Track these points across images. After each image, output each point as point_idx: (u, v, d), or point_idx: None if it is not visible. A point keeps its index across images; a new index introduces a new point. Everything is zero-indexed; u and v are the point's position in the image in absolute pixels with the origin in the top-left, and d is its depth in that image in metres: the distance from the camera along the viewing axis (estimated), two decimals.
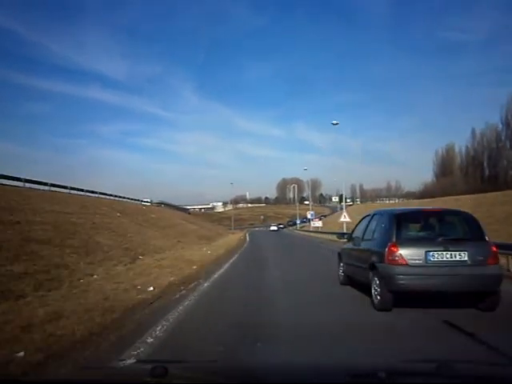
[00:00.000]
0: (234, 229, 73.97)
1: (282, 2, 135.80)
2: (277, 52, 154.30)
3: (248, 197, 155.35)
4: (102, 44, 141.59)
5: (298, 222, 73.93)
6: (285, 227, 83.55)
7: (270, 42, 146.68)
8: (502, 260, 8.12)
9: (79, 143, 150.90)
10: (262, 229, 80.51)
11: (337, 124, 32.85)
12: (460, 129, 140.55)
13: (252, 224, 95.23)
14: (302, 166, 76.48)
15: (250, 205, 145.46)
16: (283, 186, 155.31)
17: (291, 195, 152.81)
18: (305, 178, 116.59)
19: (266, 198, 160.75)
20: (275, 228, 72.83)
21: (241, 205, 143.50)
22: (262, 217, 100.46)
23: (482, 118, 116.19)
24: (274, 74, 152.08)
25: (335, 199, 75.49)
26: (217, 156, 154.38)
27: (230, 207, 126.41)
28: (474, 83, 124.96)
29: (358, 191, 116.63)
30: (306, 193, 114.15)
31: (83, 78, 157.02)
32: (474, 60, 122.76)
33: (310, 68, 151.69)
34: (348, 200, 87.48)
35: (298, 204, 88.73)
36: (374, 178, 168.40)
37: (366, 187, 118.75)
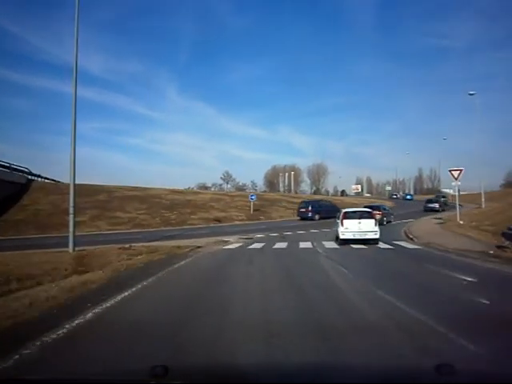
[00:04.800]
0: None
1: (267, 3, 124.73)
2: (262, 54, 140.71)
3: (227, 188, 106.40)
4: (84, 39, 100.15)
5: None
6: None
7: (256, 44, 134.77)
8: None
9: (62, 140, 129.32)
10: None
11: (473, 94, 30.12)
12: (442, 134, 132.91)
13: (219, 221, 30.99)
14: None
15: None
16: (273, 175, 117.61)
17: (285, 186, 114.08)
18: (302, 165, 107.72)
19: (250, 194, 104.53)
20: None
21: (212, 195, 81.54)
22: (252, 198, 33.95)
23: (465, 122, 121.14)
24: (259, 75, 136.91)
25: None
26: (201, 156, 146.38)
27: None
28: (456, 89, 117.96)
29: (365, 184, 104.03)
30: (305, 183, 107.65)
31: (64, 73, 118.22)
32: (456, 66, 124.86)
33: (295, 70, 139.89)
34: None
35: None
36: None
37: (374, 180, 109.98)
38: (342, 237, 14.97)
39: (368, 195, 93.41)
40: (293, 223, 29.43)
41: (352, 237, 14.74)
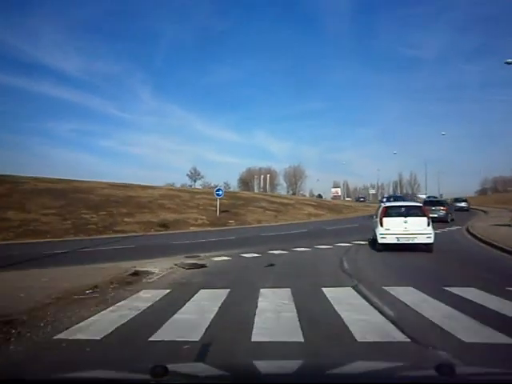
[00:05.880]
0: None
1: (246, 7, 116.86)
2: (239, 57, 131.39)
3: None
4: (56, 37, 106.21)
5: None
6: None
7: (233, 48, 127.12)
8: None
9: (31, 140, 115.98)
10: None
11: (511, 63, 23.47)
12: (417, 139, 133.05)
13: (165, 226, 19.91)
14: None
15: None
16: (248, 177, 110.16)
17: (260, 188, 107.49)
18: (279, 167, 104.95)
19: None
20: None
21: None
22: (218, 194, 21.00)
23: (439, 129, 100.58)
24: (235, 79, 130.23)
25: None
26: (175, 159, 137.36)
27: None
28: (428, 97, 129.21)
29: (343, 188, 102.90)
30: (281, 186, 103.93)
31: (35, 71, 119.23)
32: (428, 75, 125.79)
33: (271, 74, 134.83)
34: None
35: None
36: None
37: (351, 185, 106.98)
38: (381, 241, 11.46)
39: (349, 199, 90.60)
40: (281, 231, 19.34)
41: (395, 241, 11.33)
